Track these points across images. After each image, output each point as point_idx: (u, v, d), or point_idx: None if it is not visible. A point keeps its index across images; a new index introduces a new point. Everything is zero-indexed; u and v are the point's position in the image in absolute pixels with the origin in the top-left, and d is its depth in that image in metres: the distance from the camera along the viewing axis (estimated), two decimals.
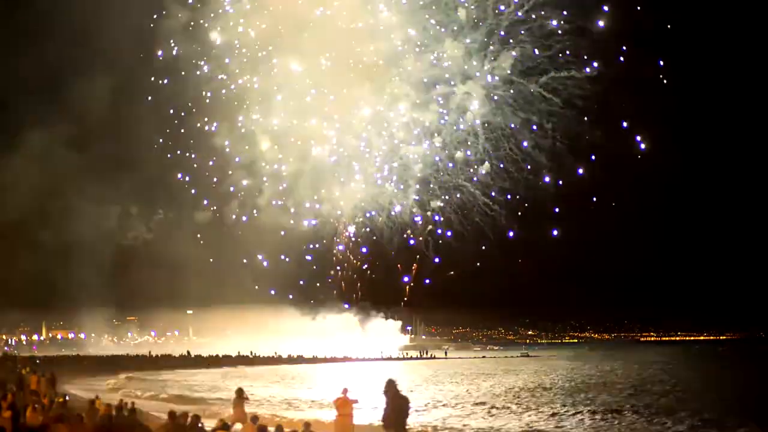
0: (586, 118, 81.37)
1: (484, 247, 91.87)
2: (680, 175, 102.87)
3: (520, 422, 27.45)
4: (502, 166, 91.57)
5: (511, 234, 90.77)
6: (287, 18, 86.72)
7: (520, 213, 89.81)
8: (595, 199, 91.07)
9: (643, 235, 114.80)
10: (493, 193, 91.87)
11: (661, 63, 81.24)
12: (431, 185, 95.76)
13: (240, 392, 17.23)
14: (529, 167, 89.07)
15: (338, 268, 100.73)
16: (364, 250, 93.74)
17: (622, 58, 78.89)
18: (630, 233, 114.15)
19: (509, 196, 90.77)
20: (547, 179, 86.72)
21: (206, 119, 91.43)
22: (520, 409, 31.61)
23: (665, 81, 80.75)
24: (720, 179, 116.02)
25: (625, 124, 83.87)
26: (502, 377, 55.97)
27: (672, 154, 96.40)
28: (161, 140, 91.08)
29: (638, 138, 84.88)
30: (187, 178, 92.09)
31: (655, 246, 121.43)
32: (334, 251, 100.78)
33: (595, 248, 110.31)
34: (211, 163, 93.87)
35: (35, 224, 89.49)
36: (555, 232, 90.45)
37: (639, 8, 76.19)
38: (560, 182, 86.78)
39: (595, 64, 78.09)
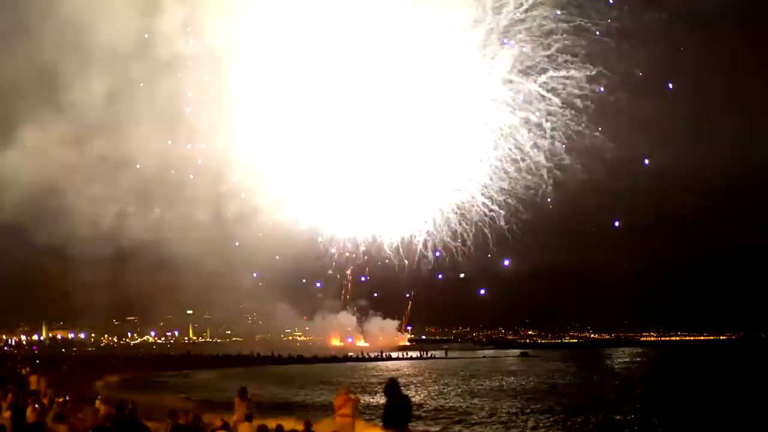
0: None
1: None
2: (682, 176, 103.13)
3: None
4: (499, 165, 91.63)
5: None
6: (284, 17, 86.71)
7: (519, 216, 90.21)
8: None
9: (644, 235, 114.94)
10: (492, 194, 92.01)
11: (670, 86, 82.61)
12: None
13: (243, 392, 17.16)
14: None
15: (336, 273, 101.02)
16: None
17: None
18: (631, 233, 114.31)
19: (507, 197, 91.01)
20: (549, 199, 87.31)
21: (204, 118, 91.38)
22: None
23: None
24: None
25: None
26: (489, 379, 55.90)
27: (672, 156, 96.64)
28: (159, 139, 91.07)
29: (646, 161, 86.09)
30: (191, 177, 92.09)
31: (654, 246, 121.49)
32: (332, 251, 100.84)
33: (595, 248, 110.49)
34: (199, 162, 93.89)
35: (34, 224, 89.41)
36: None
37: None
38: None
39: None
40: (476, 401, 36.84)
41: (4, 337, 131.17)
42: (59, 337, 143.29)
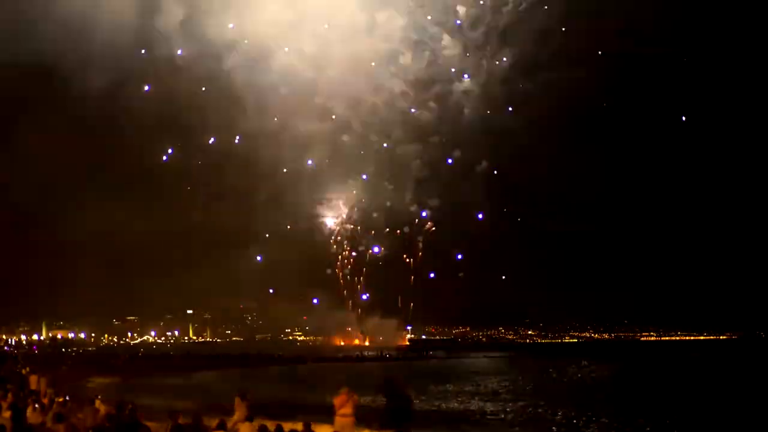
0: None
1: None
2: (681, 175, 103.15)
3: None
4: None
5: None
6: (283, 15, 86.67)
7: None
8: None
9: (643, 234, 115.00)
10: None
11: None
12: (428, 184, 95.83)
13: (243, 393, 17.16)
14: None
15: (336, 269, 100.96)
16: (376, 249, 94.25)
17: None
18: (631, 232, 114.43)
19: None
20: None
21: (203, 118, 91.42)
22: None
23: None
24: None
25: None
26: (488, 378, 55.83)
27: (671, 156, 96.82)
28: (158, 138, 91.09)
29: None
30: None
31: (655, 245, 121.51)
32: (333, 250, 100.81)
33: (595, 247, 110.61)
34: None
35: (33, 223, 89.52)
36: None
37: None
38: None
39: None
40: (475, 401, 36.82)
41: (4, 337, 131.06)
42: (59, 336, 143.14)
